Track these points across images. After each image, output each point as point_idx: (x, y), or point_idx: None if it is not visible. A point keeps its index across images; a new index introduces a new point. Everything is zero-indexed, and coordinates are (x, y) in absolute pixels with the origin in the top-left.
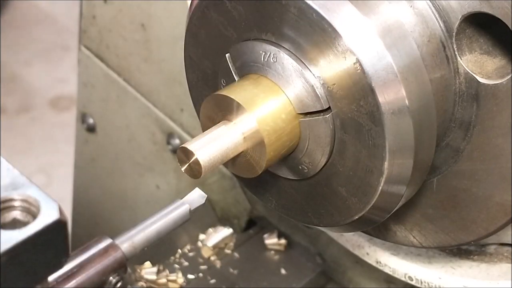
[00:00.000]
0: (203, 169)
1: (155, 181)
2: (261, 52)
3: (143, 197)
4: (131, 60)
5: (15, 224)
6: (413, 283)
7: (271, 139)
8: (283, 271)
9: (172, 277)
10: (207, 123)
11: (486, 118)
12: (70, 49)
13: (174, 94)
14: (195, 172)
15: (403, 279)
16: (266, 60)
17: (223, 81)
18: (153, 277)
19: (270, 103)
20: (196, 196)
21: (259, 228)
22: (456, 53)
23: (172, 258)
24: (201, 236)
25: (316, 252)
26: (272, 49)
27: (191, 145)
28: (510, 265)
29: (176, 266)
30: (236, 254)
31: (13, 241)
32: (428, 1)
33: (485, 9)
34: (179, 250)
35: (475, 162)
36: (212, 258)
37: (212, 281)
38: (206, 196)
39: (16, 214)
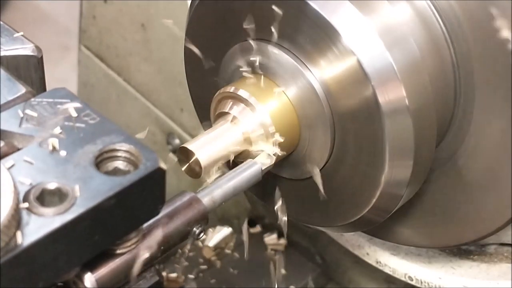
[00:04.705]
0: (203, 169)
1: None
2: (261, 51)
3: None
4: (131, 60)
5: (116, 173)
6: (413, 283)
7: None
8: (283, 271)
9: (172, 277)
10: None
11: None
12: (70, 49)
13: (174, 94)
14: (195, 172)
15: (403, 279)
16: (266, 60)
17: (223, 81)
18: None
19: (270, 103)
20: (265, 158)
21: (259, 228)
22: (456, 52)
23: (172, 258)
24: None
25: (316, 252)
26: (272, 49)
27: (191, 145)
28: (510, 265)
29: (176, 266)
30: (236, 254)
31: (121, 185)
32: (428, 1)
33: None
34: (179, 250)
35: (475, 162)
36: (212, 258)
37: (212, 281)
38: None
39: (118, 163)
